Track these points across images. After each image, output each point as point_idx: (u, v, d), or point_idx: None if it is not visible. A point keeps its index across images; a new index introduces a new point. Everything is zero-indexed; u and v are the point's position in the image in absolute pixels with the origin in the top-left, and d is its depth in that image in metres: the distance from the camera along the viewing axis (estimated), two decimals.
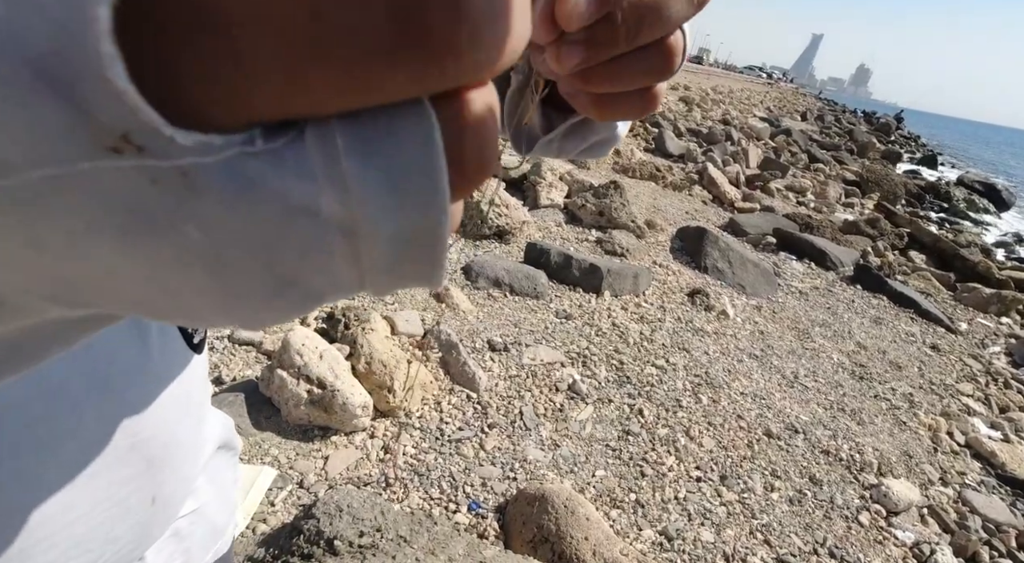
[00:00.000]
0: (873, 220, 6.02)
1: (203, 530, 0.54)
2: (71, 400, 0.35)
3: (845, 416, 2.64)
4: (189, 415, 0.45)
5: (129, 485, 0.41)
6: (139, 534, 0.44)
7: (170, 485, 0.45)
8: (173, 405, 0.42)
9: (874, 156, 13.87)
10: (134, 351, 0.38)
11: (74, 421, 0.35)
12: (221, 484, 0.57)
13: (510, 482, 1.79)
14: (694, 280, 3.64)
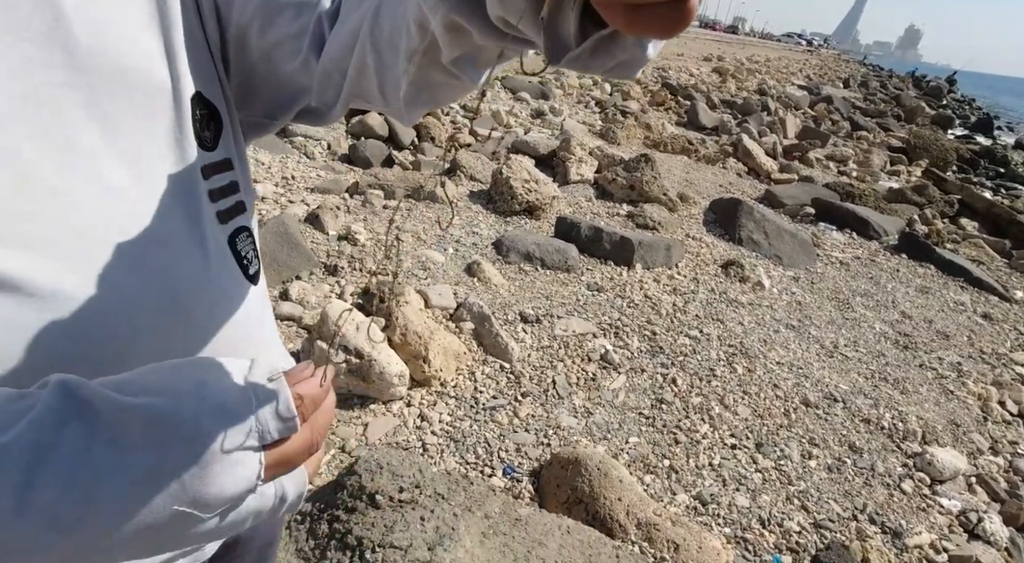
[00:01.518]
0: (920, 187, 5.75)
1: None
2: (138, 311, 0.38)
3: (887, 385, 2.57)
4: (248, 341, 0.48)
5: None
6: None
7: None
8: (232, 329, 0.46)
9: (923, 122, 13.17)
10: (195, 269, 0.42)
11: (146, 335, 0.39)
12: None
13: (544, 448, 1.83)
14: (728, 252, 3.57)
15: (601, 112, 7.35)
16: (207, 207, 0.43)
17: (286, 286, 2.34)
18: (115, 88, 0.36)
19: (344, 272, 2.53)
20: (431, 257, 2.78)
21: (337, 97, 0.44)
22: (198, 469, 0.28)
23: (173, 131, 0.40)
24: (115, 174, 0.37)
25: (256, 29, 0.43)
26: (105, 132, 0.36)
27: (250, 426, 0.30)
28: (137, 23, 0.38)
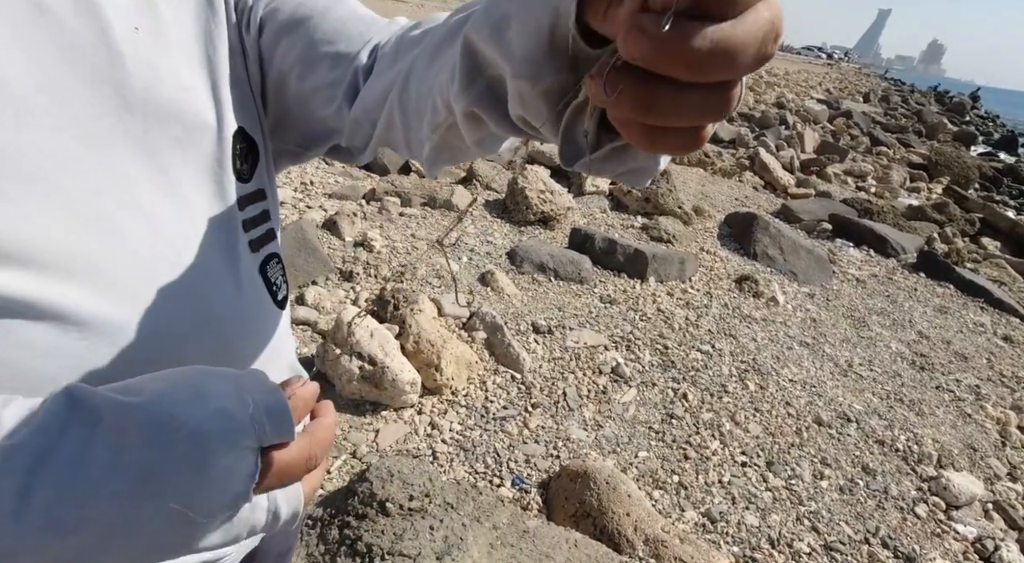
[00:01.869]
0: (941, 205, 5.68)
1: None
2: (178, 339, 0.40)
3: (903, 406, 2.54)
4: (273, 364, 0.51)
5: None
6: None
7: None
8: (262, 353, 0.48)
9: (944, 138, 13.01)
10: (230, 297, 0.44)
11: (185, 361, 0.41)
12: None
13: (553, 460, 1.83)
14: (742, 266, 3.56)
15: None
16: (241, 237, 0.45)
17: (302, 291, 2.38)
18: (162, 126, 0.39)
19: (359, 278, 2.57)
20: (445, 265, 2.81)
21: (366, 144, 0.47)
22: (196, 467, 0.29)
23: (213, 166, 0.42)
24: (158, 207, 0.39)
25: (296, 76, 0.46)
26: (151, 167, 0.38)
27: (247, 426, 0.31)
28: (187, 64, 0.40)
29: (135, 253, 0.37)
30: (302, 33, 0.45)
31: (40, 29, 0.33)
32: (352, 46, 0.45)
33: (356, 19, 0.46)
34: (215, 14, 0.43)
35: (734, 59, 0.18)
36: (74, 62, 0.35)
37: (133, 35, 0.37)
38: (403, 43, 0.42)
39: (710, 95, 0.20)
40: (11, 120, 0.32)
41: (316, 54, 0.45)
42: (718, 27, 0.18)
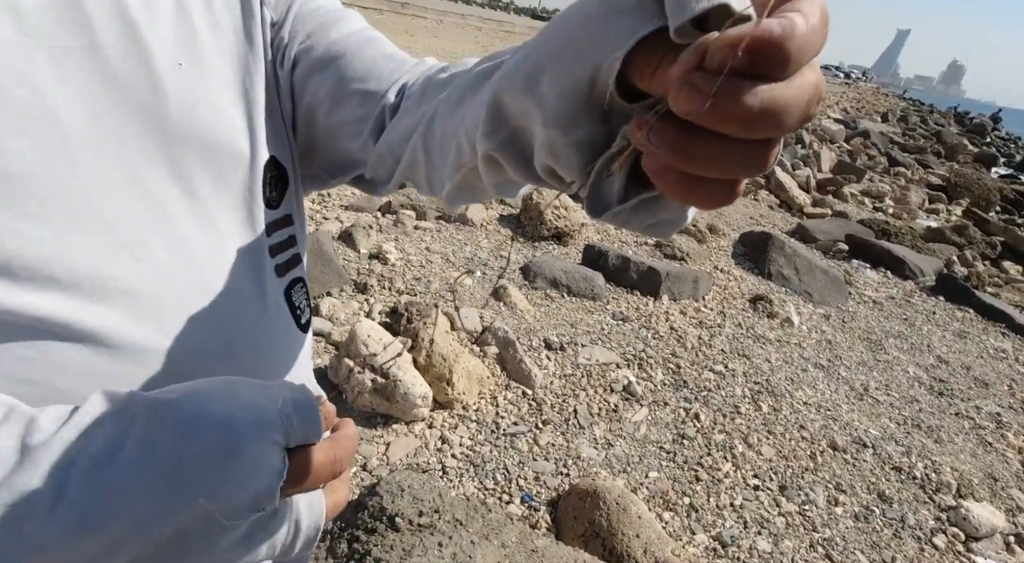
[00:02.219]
0: (960, 227, 5.60)
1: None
2: (204, 363, 0.42)
3: (920, 433, 2.49)
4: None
5: None
6: None
7: None
8: (284, 376, 0.50)
9: (964, 159, 12.86)
10: (255, 321, 0.45)
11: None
12: None
13: (563, 477, 1.82)
14: (757, 286, 3.53)
15: None
16: (268, 262, 0.46)
17: (317, 302, 2.41)
18: (198, 155, 0.40)
19: (373, 290, 2.59)
20: (459, 279, 2.82)
21: (389, 177, 0.48)
22: (224, 457, 0.30)
23: (244, 193, 0.44)
24: (191, 233, 0.40)
25: (325, 110, 0.48)
26: (185, 194, 0.40)
27: (275, 419, 0.31)
28: (225, 95, 0.42)
29: (167, 278, 0.39)
30: (334, 70, 0.47)
31: (89, 63, 0.35)
32: (381, 85, 0.46)
33: (386, 58, 0.48)
34: (253, 48, 0.45)
35: (782, 119, 0.19)
36: (119, 94, 0.36)
37: (176, 69, 0.39)
38: (430, 85, 0.43)
39: (751, 150, 0.21)
40: (57, 149, 0.34)
41: (346, 91, 0.47)
42: (769, 88, 0.19)
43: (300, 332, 0.51)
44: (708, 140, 0.20)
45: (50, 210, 0.34)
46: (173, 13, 0.40)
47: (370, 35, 0.50)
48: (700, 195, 0.22)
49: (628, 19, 0.23)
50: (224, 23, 0.43)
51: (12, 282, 0.32)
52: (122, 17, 0.37)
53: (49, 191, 0.34)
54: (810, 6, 0.19)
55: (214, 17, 0.43)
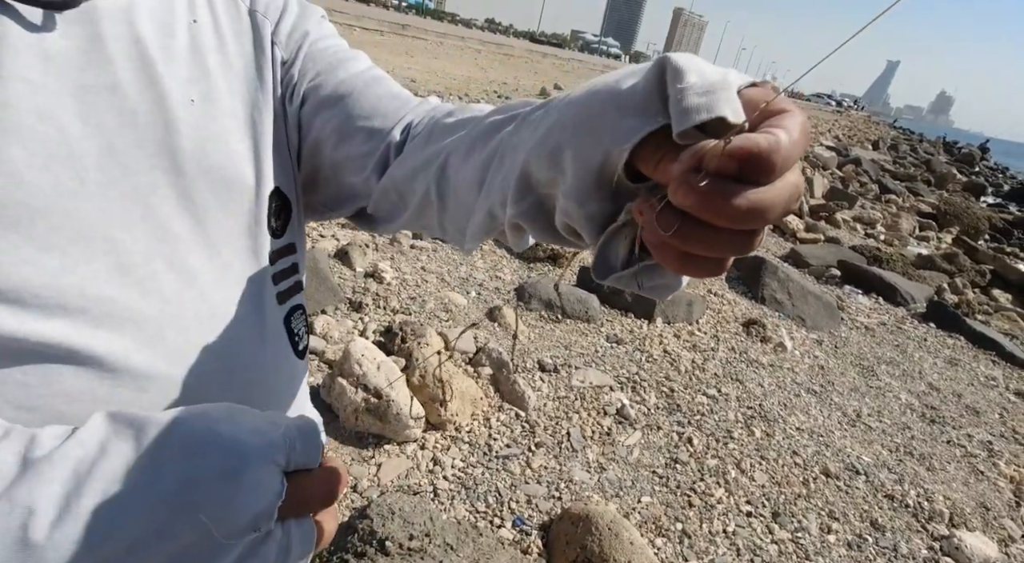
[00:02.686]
0: (951, 255, 5.67)
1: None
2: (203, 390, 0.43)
3: (913, 460, 2.49)
4: (293, 411, 0.53)
5: None
6: None
7: None
8: (280, 402, 0.50)
9: (954, 188, 13.07)
10: (254, 349, 0.47)
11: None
12: None
13: (555, 501, 1.81)
14: (750, 310, 3.55)
15: None
16: (270, 290, 0.48)
17: (311, 319, 2.40)
18: (206, 187, 0.42)
19: (368, 309, 2.59)
20: (453, 299, 2.83)
21: (391, 214, 0.50)
22: (229, 479, 0.30)
23: (250, 223, 0.45)
24: (197, 263, 0.42)
25: (331, 144, 0.49)
26: (192, 224, 0.42)
27: (279, 442, 0.32)
28: (234, 130, 0.44)
29: (172, 306, 0.40)
30: (341, 107, 0.49)
31: (108, 101, 0.37)
32: (387, 122, 0.49)
33: (392, 97, 0.50)
34: (263, 85, 0.47)
35: (765, 216, 0.23)
36: (134, 130, 0.38)
37: (188, 105, 0.41)
38: (437, 128, 0.45)
39: (738, 237, 0.24)
40: (76, 183, 0.36)
41: (352, 127, 0.49)
42: (756, 191, 0.22)
43: (297, 359, 0.52)
44: (702, 228, 0.23)
45: (64, 240, 0.35)
46: (187, 54, 0.42)
47: (376, 74, 0.52)
48: (692, 269, 0.25)
49: (636, 118, 0.26)
50: (236, 62, 0.45)
51: (20, 309, 0.33)
52: (140, 57, 0.39)
53: (64, 222, 0.35)
54: (793, 122, 0.23)
55: (227, 57, 0.45)
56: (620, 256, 0.29)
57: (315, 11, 0.53)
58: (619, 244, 0.29)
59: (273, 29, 0.48)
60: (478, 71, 15.42)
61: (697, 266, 0.25)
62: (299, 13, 0.50)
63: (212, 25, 0.44)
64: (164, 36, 0.41)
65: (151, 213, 0.39)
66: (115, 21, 0.38)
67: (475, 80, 12.94)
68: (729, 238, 0.24)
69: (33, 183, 0.34)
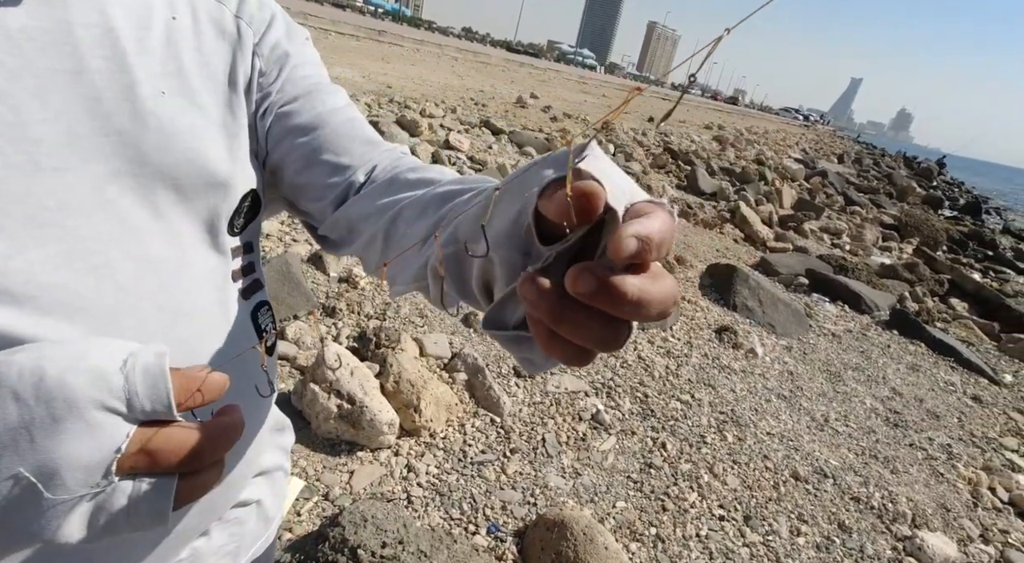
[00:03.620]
0: (911, 265, 5.88)
1: (256, 519, 0.59)
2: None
3: (878, 463, 2.55)
4: (257, 406, 0.52)
5: None
6: (206, 509, 0.50)
7: (236, 469, 0.51)
8: (245, 396, 0.49)
9: (914, 201, 13.59)
10: (219, 342, 0.45)
11: None
12: (274, 477, 0.63)
13: (530, 507, 1.80)
14: (722, 317, 3.62)
15: None
16: (232, 285, 0.47)
17: (283, 325, 2.36)
18: (170, 179, 0.41)
19: (342, 314, 2.55)
20: (429, 305, 2.81)
21: (341, 243, 0.53)
22: (51, 425, 0.27)
23: (212, 219, 0.45)
24: (155, 251, 0.41)
25: (294, 169, 0.51)
26: (152, 214, 0.40)
27: (119, 388, 0.28)
28: (204, 127, 0.43)
29: (129, 295, 0.39)
30: (313, 137, 0.50)
31: (72, 86, 0.36)
32: (353, 162, 0.51)
33: (363, 141, 0.52)
34: (237, 88, 0.47)
35: (647, 309, 0.24)
36: (98, 118, 0.37)
37: (158, 97, 0.40)
38: (398, 180, 0.48)
39: (609, 330, 0.25)
40: (29, 167, 0.34)
41: (319, 159, 0.50)
42: (642, 281, 0.24)
43: (265, 355, 0.51)
44: (576, 311, 0.25)
45: (12, 223, 0.33)
46: (162, 48, 0.41)
47: (352, 115, 0.54)
48: (558, 351, 0.27)
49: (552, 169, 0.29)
50: (213, 62, 0.45)
51: None
52: (112, 45, 0.38)
53: (12, 205, 0.34)
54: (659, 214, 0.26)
55: (204, 56, 0.44)
56: (515, 317, 0.31)
57: (301, 32, 0.53)
58: (517, 305, 0.31)
59: (257, 40, 0.48)
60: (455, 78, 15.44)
61: (561, 349, 0.26)
62: (285, 31, 0.51)
63: (192, 23, 0.44)
64: (139, 28, 0.40)
65: (109, 201, 0.38)
66: (86, 8, 0.37)
67: (452, 87, 12.95)
68: (599, 328, 0.25)
69: None
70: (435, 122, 7.17)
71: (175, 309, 0.41)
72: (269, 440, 0.61)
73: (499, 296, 0.31)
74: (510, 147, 7.45)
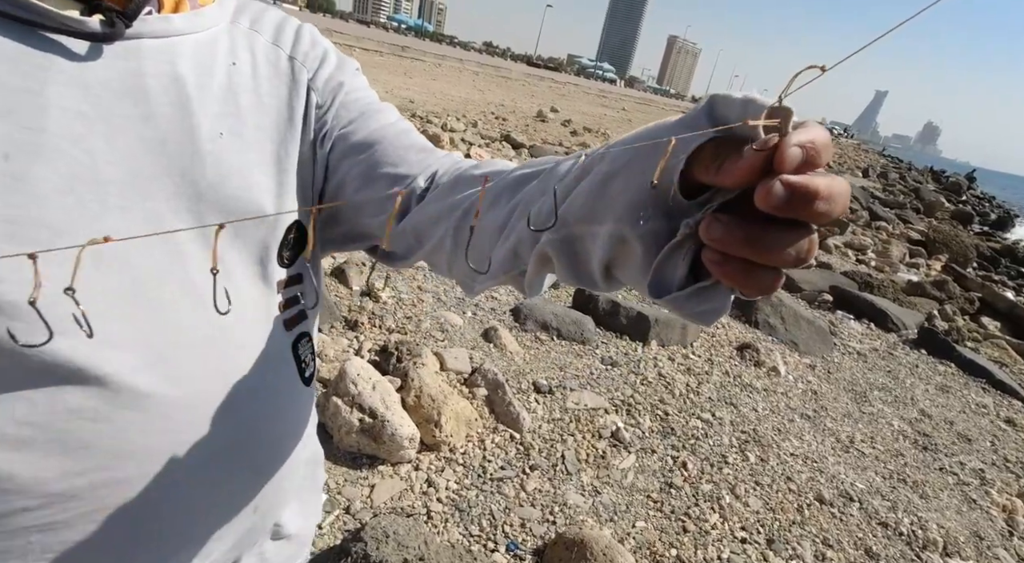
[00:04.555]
0: (940, 282, 5.74)
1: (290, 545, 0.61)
2: (209, 412, 0.43)
3: (906, 487, 2.49)
4: (294, 438, 0.54)
5: (240, 495, 0.49)
6: (241, 537, 0.52)
7: (270, 497, 0.53)
8: (283, 430, 0.51)
9: (942, 216, 13.29)
10: (261, 374, 0.48)
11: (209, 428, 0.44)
12: (307, 501, 0.64)
13: (549, 525, 1.79)
14: (744, 334, 3.57)
15: None
16: (277, 316, 0.49)
17: None
18: (223, 215, 0.44)
19: (364, 328, 2.59)
20: (449, 319, 2.83)
21: (406, 253, 0.53)
22: None
23: (262, 252, 0.47)
24: (205, 284, 0.43)
25: (354, 187, 0.52)
26: (206, 248, 0.43)
27: None
28: (257, 164, 0.46)
29: (182, 329, 0.41)
30: (370, 154, 0.51)
31: (140, 130, 0.39)
32: (412, 170, 0.51)
33: (418, 149, 0.53)
34: (294, 125, 0.49)
35: (837, 201, 0.25)
36: (162, 158, 0.40)
37: (216, 138, 0.43)
38: (462, 178, 0.48)
39: (801, 238, 0.25)
40: (98, 206, 0.37)
41: (378, 173, 0.51)
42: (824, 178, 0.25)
43: (303, 385, 0.53)
44: (767, 230, 0.25)
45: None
46: (222, 92, 0.44)
47: (404, 127, 0.55)
48: (753, 281, 0.26)
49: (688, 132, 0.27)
50: (268, 102, 0.48)
51: (31, 325, 0.34)
52: (177, 91, 0.41)
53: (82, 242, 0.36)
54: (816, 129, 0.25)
55: (260, 97, 0.47)
56: (678, 276, 0.29)
57: (351, 63, 0.56)
58: (676, 264, 0.29)
59: (311, 76, 0.51)
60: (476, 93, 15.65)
61: (756, 278, 0.26)
62: (336, 64, 0.54)
63: (251, 68, 0.47)
64: (202, 75, 0.43)
65: (168, 237, 0.40)
66: (157, 60, 0.40)
67: (473, 101, 13.12)
68: (794, 238, 0.25)
69: (55, 203, 0.35)
70: (456, 136, 7.27)
71: (223, 341, 0.44)
72: (306, 471, 0.62)
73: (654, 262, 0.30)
74: None
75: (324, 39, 0.55)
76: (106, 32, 0.37)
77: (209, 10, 0.45)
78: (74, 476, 0.38)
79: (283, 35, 0.51)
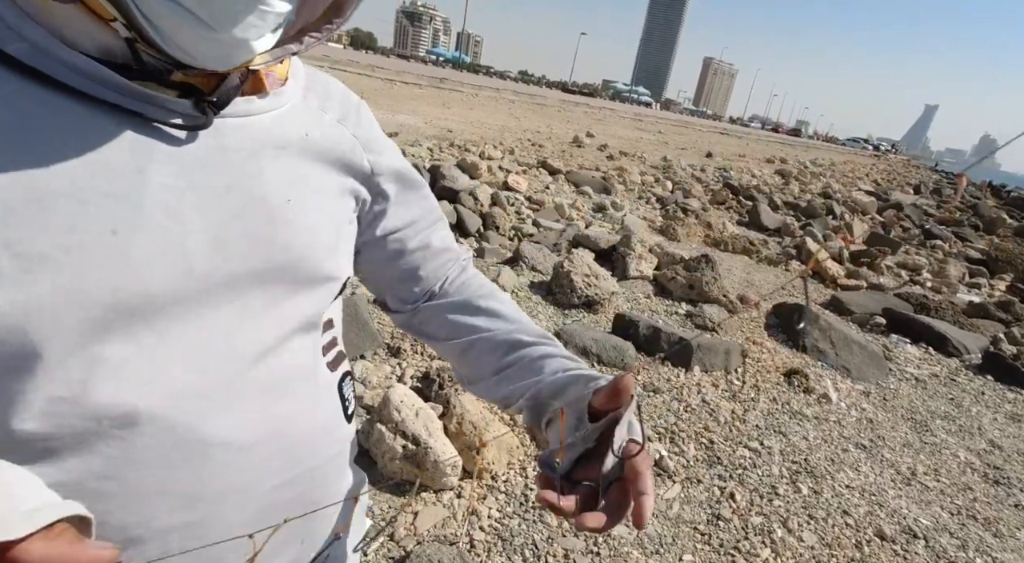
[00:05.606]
0: (1006, 303, 5.41)
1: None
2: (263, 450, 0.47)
3: (976, 525, 2.33)
4: (339, 473, 0.57)
5: (291, 531, 0.53)
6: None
7: (317, 530, 0.57)
8: (330, 467, 0.55)
9: (1005, 233, 12.57)
10: (310, 416, 0.52)
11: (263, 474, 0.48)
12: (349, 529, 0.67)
13: (593, 556, 1.76)
14: (791, 359, 3.46)
15: (662, 208, 7.52)
16: (322, 358, 0.54)
17: (351, 364, 2.46)
18: (287, 273, 0.48)
19: (406, 355, 2.64)
20: None
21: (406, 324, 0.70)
22: None
23: (317, 305, 0.52)
24: (268, 336, 0.47)
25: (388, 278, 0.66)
26: (269, 304, 0.48)
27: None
28: (320, 226, 0.51)
29: (247, 382, 0.46)
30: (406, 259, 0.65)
31: (223, 198, 0.44)
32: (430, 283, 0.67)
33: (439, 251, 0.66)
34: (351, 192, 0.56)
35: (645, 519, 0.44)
36: (240, 223, 0.45)
37: (285, 203, 0.48)
38: (470, 306, 0.65)
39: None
40: (184, 271, 0.42)
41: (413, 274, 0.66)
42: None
43: (345, 422, 0.57)
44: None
45: (164, 319, 0.41)
46: (292, 160, 0.50)
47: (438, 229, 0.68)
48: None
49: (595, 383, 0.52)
50: (331, 172, 0.54)
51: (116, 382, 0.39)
52: (255, 162, 0.46)
53: (170, 305, 0.41)
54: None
55: (324, 166, 0.53)
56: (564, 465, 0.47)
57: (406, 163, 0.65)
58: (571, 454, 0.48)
59: (372, 159, 0.58)
60: (512, 120, 15.94)
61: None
62: (393, 149, 0.62)
63: (320, 140, 0.52)
64: (276, 148, 0.48)
65: (238, 295, 0.45)
66: (239, 136, 0.45)
67: (509, 129, 13.36)
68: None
69: (152, 272, 0.40)
70: (494, 164, 7.41)
71: (278, 389, 0.48)
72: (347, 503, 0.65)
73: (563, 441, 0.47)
74: (567, 186, 7.55)
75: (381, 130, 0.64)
76: (199, 123, 0.42)
77: (287, 89, 0.50)
78: (150, 520, 0.42)
79: (347, 118, 0.56)
